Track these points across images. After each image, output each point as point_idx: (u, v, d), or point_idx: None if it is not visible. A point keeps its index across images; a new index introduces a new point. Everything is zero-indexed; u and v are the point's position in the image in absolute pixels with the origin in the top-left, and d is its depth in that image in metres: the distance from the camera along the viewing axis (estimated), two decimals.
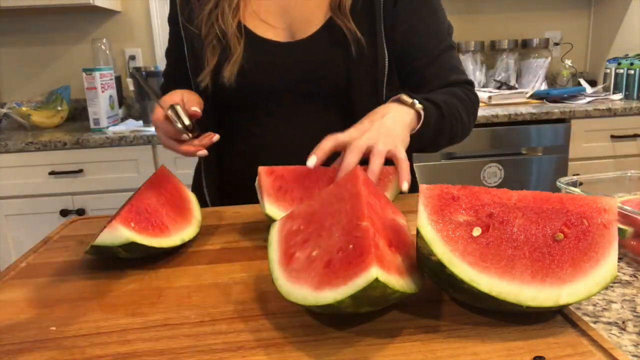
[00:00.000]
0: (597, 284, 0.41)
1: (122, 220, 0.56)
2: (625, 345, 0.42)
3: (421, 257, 0.44)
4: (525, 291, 0.40)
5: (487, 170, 2.00)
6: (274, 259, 0.47)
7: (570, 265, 0.42)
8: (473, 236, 0.43)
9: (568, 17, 2.60)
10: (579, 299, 0.41)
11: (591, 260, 0.42)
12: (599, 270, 0.42)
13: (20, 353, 0.42)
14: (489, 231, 0.43)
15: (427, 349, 0.40)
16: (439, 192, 0.45)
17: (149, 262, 0.59)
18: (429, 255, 0.42)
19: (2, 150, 1.80)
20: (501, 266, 0.41)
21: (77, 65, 2.30)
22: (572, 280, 0.41)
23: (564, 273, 0.41)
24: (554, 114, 1.97)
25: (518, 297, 0.40)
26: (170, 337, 0.43)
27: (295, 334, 0.43)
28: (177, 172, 1.88)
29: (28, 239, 1.87)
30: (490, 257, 0.42)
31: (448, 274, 0.41)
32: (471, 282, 0.40)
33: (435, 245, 0.42)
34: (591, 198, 0.44)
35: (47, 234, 0.71)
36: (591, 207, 0.44)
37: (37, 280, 0.56)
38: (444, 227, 0.43)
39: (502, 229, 0.43)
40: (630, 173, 0.72)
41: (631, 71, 2.20)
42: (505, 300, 0.40)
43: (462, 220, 0.43)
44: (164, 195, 0.67)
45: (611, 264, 0.42)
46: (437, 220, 0.43)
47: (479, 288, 0.40)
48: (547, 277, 0.41)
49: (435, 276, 0.44)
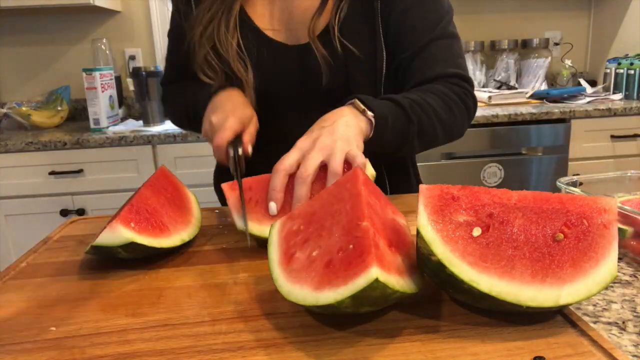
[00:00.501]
0: (597, 284, 0.41)
1: (122, 221, 0.56)
2: (625, 345, 0.42)
3: (421, 257, 0.44)
4: (525, 291, 0.40)
5: (487, 170, 2.00)
6: (274, 259, 0.47)
7: (570, 265, 0.42)
8: (473, 236, 0.43)
9: (568, 17, 2.60)
10: (579, 299, 0.41)
11: (591, 260, 0.42)
12: (599, 270, 0.42)
13: (20, 353, 0.42)
14: (489, 231, 0.43)
15: (427, 349, 0.40)
16: (439, 192, 0.45)
17: (149, 262, 0.59)
18: (429, 256, 0.42)
19: (2, 150, 1.80)
20: (501, 266, 0.41)
21: (77, 65, 2.30)
22: (572, 281, 0.41)
23: (564, 273, 0.41)
24: (554, 114, 1.97)
25: (518, 297, 0.40)
26: (170, 337, 0.43)
27: (295, 334, 0.43)
28: (177, 172, 1.89)
29: (28, 239, 1.87)
30: (490, 257, 0.42)
31: (448, 274, 0.41)
32: (471, 282, 0.41)
33: (435, 245, 0.42)
34: (591, 198, 0.44)
35: (47, 234, 0.71)
36: (591, 207, 0.44)
37: (37, 280, 0.56)
38: (444, 227, 0.43)
39: (502, 229, 0.43)
40: (630, 173, 0.72)
41: (631, 71, 2.20)
42: (505, 301, 0.40)
43: (462, 221, 0.43)
44: (164, 195, 0.67)
45: (611, 264, 0.42)
46: (437, 221, 0.43)
47: (479, 288, 0.40)
48: (547, 277, 0.41)
49: (436, 276, 0.44)
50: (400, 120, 0.72)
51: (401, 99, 0.73)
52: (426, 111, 0.74)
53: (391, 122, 0.70)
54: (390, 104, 0.72)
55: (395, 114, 0.71)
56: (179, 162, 1.88)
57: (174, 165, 1.88)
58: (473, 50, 2.43)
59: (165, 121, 2.06)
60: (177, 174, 1.91)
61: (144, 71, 1.96)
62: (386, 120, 0.69)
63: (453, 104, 0.78)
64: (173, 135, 1.84)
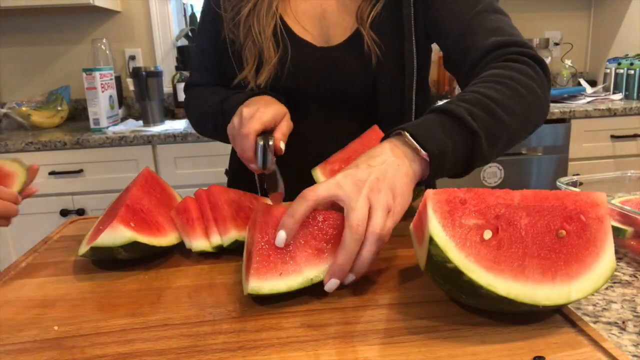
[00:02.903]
0: (600, 276, 0.42)
1: (121, 221, 0.56)
2: (625, 345, 0.42)
3: (434, 265, 0.43)
4: (539, 291, 0.40)
5: (487, 170, 2.00)
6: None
7: (575, 261, 0.42)
8: (484, 239, 0.42)
9: (568, 17, 2.60)
10: (587, 294, 0.41)
11: (592, 254, 0.42)
12: (601, 263, 0.42)
13: (20, 353, 0.42)
14: (498, 233, 0.43)
15: (427, 349, 0.40)
16: (446, 197, 0.44)
17: (149, 262, 0.59)
18: (444, 263, 0.41)
19: (2, 150, 1.80)
20: (514, 268, 0.41)
21: (77, 65, 2.30)
22: (578, 276, 0.42)
23: (571, 269, 0.42)
24: (554, 114, 1.97)
25: (534, 297, 0.40)
26: (170, 337, 0.43)
27: (296, 334, 0.43)
28: (177, 172, 1.89)
29: (28, 239, 1.86)
30: (502, 259, 0.41)
31: (465, 280, 0.41)
32: (489, 287, 0.40)
33: (451, 252, 0.41)
34: (583, 194, 0.45)
35: (47, 234, 0.71)
36: (585, 202, 0.44)
37: (37, 280, 0.56)
38: (455, 232, 0.42)
39: (510, 230, 0.43)
40: (630, 173, 0.72)
41: (631, 71, 2.20)
42: (523, 302, 0.40)
43: (472, 224, 0.43)
44: (154, 196, 0.66)
45: (610, 256, 0.43)
46: (448, 226, 0.42)
47: (497, 292, 0.40)
48: (557, 274, 0.41)
49: (449, 283, 0.43)
50: (462, 139, 0.57)
51: (456, 108, 0.57)
52: (492, 111, 0.59)
53: (451, 148, 0.56)
54: (445, 120, 0.57)
55: (454, 134, 0.56)
56: (179, 162, 1.88)
57: (174, 165, 1.88)
58: None
59: (165, 121, 2.06)
60: (177, 174, 1.92)
61: (144, 71, 1.96)
62: (444, 152, 0.55)
63: (522, 86, 0.63)
64: (173, 135, 1.84)
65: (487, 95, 0.60)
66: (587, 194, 0.45)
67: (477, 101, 0.59)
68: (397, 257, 0.58)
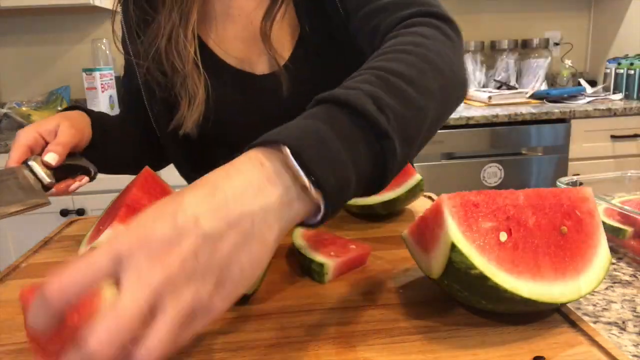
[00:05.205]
0: (601, 268, 0.43)
1: (121, 221, 0.56)
2: (625, 345, 0.42)
3: (455, 272, 0.42)
4: (554, 289, 0.41)
5: (487, 170, 2.00)
6: None
7: (578, 255, 0.43)
8: (501, 241, 0.42)
9: (568, 17, 2.60)
10: (594, 287, 0.42)
11: (590, 247, 0.43)
12: (599, 256, 0.43)
13: (20, 353, 0.42)
14: (512, 234, 0.42)
15: (427, 349, 0.40)
16: (460, 201, 0.43)
17: None
18: (467, 270, 0.40)
19: (2, 150, 1.80)
20: (531, 268, 0.41)
21: (77, 65, 2.30)
22: (583, 270, 0.42)
23: (577, 264, 0.42)
24: (554, 114, 1.97)
25: (551, 296, 0.40)
26: None
27: (296, 334, 0.43)
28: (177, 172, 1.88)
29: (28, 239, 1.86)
30: (519, 260, 0.41)
31: (490, 285, 0.40)
32: (514, 290, 0.40)
33: (475, 258, 0.40)
34: (574, 189, 0.45)
35: (47, 234, 0.71)
36: (577, 197, 0.45)
37: (37, 280, 0.56)
38: (474, 237, 0.41)
39: (522, 230, 0.43)
40: (630, 173, 0.72)
41: (631, 71, 2.20)
42: (543, 302, 0.40)
43: (487, 227, 0.42)
44: (154, 196, 0.66)
45: (605, 248, 0.44)
46: (467, 231, 0.42)
47: (521, 294, 0.40)
48: (566, 270, 0.42)
49: (470, 289, 0.42)
50: (369, 150, 0.38)
51: (355, 97, 0.38)
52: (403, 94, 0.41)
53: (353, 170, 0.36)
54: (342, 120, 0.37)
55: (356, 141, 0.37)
56: None
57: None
58: (473, 50, 2.43)
59: None
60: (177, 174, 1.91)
61: None
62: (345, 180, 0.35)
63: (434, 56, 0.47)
64: None
65: (392, 70, 0.42)
66: (576, 190, 0.45)
67: (381, 81, 0.41)
68: (397, 257, 0.58)
